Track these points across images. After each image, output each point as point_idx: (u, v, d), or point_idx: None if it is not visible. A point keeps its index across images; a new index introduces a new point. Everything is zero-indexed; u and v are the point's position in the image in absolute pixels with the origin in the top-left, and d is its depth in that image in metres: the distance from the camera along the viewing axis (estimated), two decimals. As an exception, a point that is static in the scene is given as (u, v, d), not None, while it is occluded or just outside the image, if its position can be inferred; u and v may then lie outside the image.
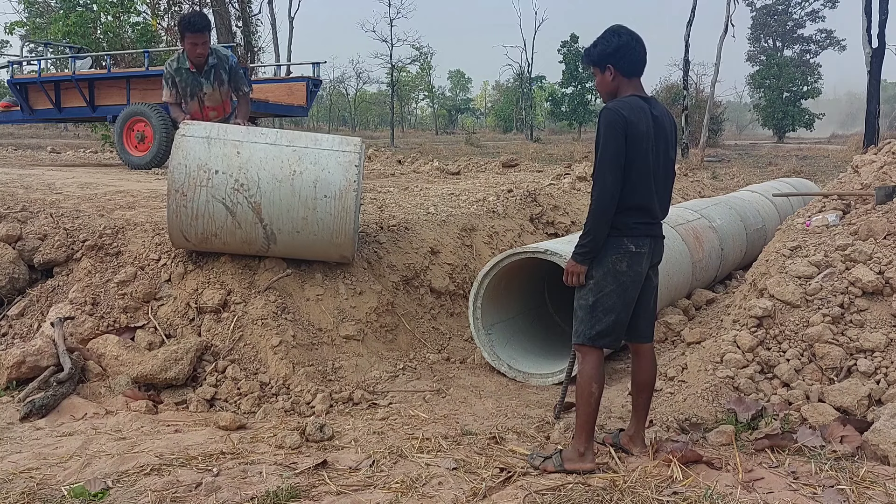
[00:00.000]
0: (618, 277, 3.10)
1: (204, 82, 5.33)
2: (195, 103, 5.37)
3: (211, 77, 5.33)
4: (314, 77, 10.93)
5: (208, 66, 5.34)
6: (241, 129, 4.58)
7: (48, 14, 22.14)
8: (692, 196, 11.81)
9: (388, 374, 4.64)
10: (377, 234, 5.74)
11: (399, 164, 14.47)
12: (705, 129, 25.18)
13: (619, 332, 3.19)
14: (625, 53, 3.13)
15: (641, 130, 3.03)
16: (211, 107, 5.45)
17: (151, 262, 4.93)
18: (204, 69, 5.32)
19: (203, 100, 5.38)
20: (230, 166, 4.38)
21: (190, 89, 5.31)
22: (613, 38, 3.14)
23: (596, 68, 3.20)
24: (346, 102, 61.76)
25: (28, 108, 11.05)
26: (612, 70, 3.15)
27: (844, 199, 5.34)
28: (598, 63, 3.19)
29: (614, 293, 3.10)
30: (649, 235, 3.17)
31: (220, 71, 5.37)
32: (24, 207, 5.45)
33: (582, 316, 3.16)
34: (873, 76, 19.19)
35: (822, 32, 50.89)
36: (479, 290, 4.89)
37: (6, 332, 4.80)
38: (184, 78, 5.31)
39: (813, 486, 2.92)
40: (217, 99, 5.45)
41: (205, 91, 5.36)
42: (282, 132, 4.69)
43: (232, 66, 5.51)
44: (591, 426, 3.15)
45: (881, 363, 3.68)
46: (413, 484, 3.05)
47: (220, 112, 5.53)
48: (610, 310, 3.10)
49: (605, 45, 3.15)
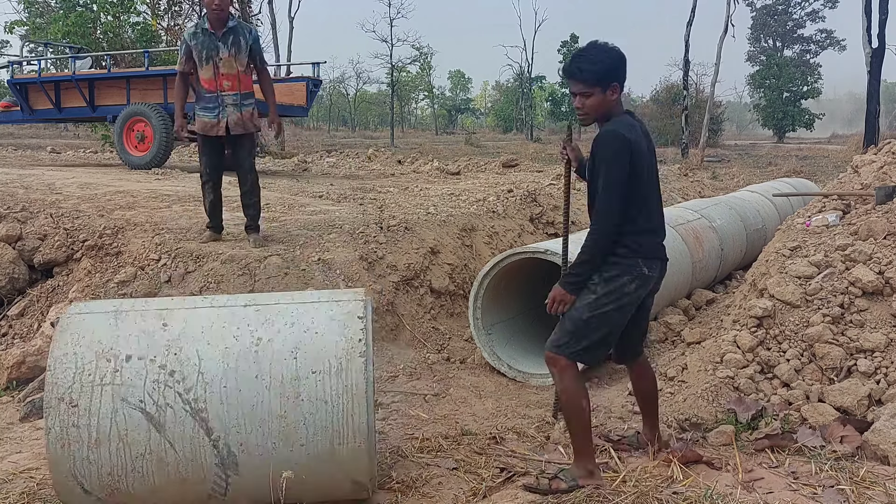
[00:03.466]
0: (621, 298, 2.93)
1: (221, 46, 5.03)
2: (210, 68, 5.05)
3: (229, 42, 5.04)
4: (314, 77, 10.93)
5: (227, 28, 5.06)
6: (170, 300, 3.04)
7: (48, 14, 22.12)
8: (692, 196, 11.80)
9: (389, 374, 4.64)
10: (377, 235, 5.74)
11: (399, 164, 14.48)
12: (705, 130, 25.18)
13: (603, 352, 3.10)
14: (624, 68, 2.93)
15: (643, 150, 2.92)
16: (226, 74, 5.10)
17: (151, 262, 4.94)
18: (222, 32, 5.05)
19: (218, 65, 5.05)
20: (152, 346, 2.68)
21: (206, 52, 5.01)
22: (612, 53, 2.91)
23: (595, 88, 2.88)
24: (346, 102, 61.77)
25: (28, 108, 11.05)
26: (616, 88, 2.92)
27: (844, 199, 5.34)
28: (601, 82, 2.88)
29: (613, 313, 2.94)
30: (660, 258, 3.04)
31: (239, 38, 5.09)
32: (24, 207, 5.46)
33: (570, 328, 2.97)
34: (873, 76, 19.19)
35: (822, 32, 50.92)
36: (479, 290, 4.89)
37: (6, 332, 4.81)
38: (200, 41, 5.02)
39: (813, 486, 2.92)
40: (232, 66, 5.10)
41: (220, 56, 5.04)
42: (240, 295, 3.16)
43: (254, 37, 5.26)
44: (590, 441, 3.03)
45: (881, 363, 3.68)
46: (413, 484, 3.05)
47: (233, 84, 5.14)
48: (602, 327, 2.95)
49: (606, 61, 2.89)
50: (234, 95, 5.14)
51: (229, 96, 5.13)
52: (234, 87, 5.14)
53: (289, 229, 5.72)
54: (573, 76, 2.91)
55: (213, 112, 5.12)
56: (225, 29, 5.05)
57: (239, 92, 5.16)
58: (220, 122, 5.12)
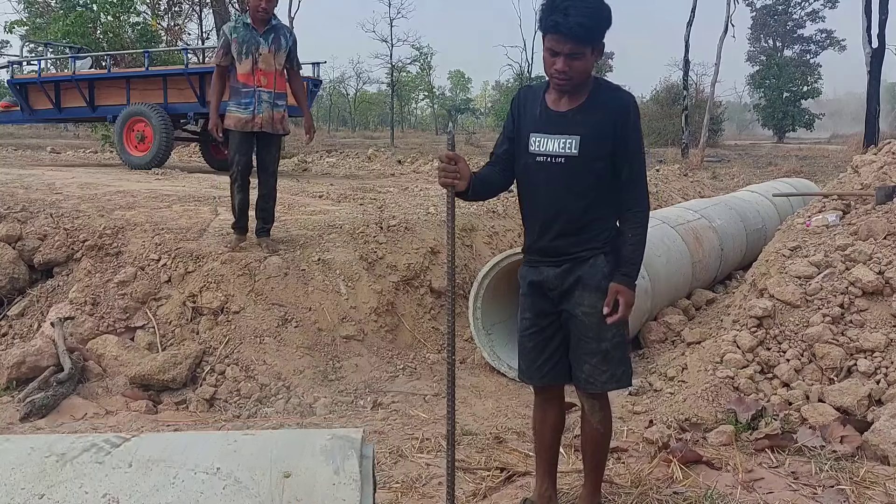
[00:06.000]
0: None
1: (262, 41, 5.00)
2: (249, 62, 4.98)
3: (270, 39, 5.02)
4: (314, 77, 10.91)
5: (269, 25, 5.05)
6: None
7: (48, 14, 22.12)
8: (692, 196, 11.80)
9: (389, 374, 4.65)
10: (377, 235, 5.74)
11: (399, 164, 14.48)
12: (705, 130, 25.16)
13: None
14: None
15: None
16: (263, 71, 5.04)
17: (151, 262, 4.93)
18: (265, 29, 5.03)
19: (257, 60, 5.01)
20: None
21: (246, 46, 4.96)
22: (604, 4, 2.36)
23: (587, 48, 2.33)
24: (346, 102, 61.73)
25: (28, 108, 11.05)
26: (603, 47, 2.38)
27: (844, 199, 5.34)
28: (596, 40, 2.34)
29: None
30: None
31: (280, 36, 5.08)
32: (24, 207, 5.46)
33: (620, 356, 2.51)
34: (873, 76, 19.20)
35: (822, 32, 50.95)
36: (479, 290, 4.89)
37: (6, 332, 4.81)
38: (241, 34, 4.97)
39: (813, 486, 2.92)
40: (271, 64, 5.05)
41: (261, 51, 5.00)
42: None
43: (294, 39, 5.25)
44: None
45: (881, 363, 3.67)
46: (413, 484, 3.05)
47: (270, 81, 5.07)
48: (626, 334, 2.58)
49: (605, 13, 2.34)
50: (269, 93, 5.08)
51: (265, 93, 5.06)
52: (270, 84, 5.09)
53: (289, 229, 5.71)
54: (570, 33, 2.26)
55: (249, 107, 5.03)
56: (267, 26, 5.04)
57: (274, 90, 5.11)
58: (255, 118, 5.04)
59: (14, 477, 1.42)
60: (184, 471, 1.43)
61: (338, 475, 1.45)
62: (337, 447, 1.51)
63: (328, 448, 1.51)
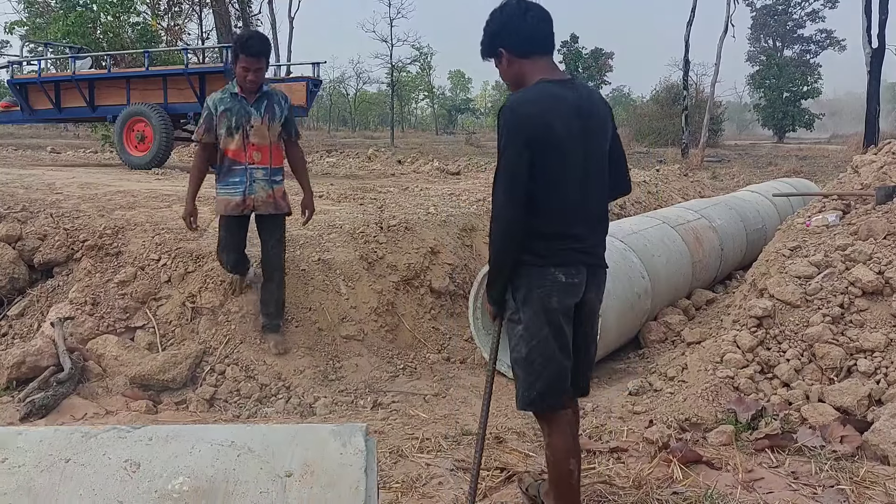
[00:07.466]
0: (550, 316, 2.38)
1: (253, 112, 4.35)
2: (239, 137, 4.33)
3: (262, 108, 4.37)
4: (314, 77, 10.92)
5: (261, 93, 4.41)
6: None
7: (48, 14, 22.13)
8: (692, 196, 11.81)
9: (389, 374, 4.65)
10: (377, 234, 5.74)
11: (399, 164, 14.49)
12: (705, 130, 25.19)
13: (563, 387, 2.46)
14: (513, 28, 2.39)
15: (555, 129, 2.31)
16: (256, 145, 4.38)
17: (151, 262, 4.94)
18: (255, 98, 4.39)
19: (248, 134, 4.35)
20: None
21: (235, 119, 4.31)
22: (496, 15, 2.42)
23: (491, 60, 2.49)
24: (346, 102, 61.74)
25: (28, 108, 11.05)
26: (504, 54, 2.42)
27: (844, 199, 5.34)
28: (490, 51, 2.46)
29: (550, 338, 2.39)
30: (583, 263, 2.44)
31: (274, 104, 4.42)
32: (24, 207, 5.46)
33: (521, 374, 2.46)
34: (873, 76, 19.21)
35: (822, 32, 50.99)
36: (479, 289, 4.89)
37: (6, 332, 4.81)
38: (229, 106, 4.32)
39: (813, 486, 2.93)
40: (264, 136, 4.39)
41: (252, 123, 4.35)
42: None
43: (289, 105, 4.60)
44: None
45: (881, 363, 3.68)
46: (413, 484, 3.05)
47: (265, 156, 4.42)
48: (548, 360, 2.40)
49: (489, 26, 2.44)
50: (264, 170, 4.41)
51: (259, 170, 4.39)
52: (265, 159, 4.42)
53: (288, 228, 5.71)
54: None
55: (240, 188, 4.36)
56: (259, 94, 4.40)
57: (270, 166, 4.44)
58: (247, 200, 4.38)
59: (42, 447, 1.62)
60: (201, 443, 1.63)
61: (345, 447, 1.64)
62: (344, 429, 1.70)
63: (335, 430, 1.70)
